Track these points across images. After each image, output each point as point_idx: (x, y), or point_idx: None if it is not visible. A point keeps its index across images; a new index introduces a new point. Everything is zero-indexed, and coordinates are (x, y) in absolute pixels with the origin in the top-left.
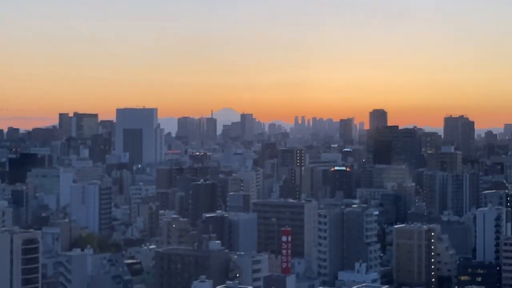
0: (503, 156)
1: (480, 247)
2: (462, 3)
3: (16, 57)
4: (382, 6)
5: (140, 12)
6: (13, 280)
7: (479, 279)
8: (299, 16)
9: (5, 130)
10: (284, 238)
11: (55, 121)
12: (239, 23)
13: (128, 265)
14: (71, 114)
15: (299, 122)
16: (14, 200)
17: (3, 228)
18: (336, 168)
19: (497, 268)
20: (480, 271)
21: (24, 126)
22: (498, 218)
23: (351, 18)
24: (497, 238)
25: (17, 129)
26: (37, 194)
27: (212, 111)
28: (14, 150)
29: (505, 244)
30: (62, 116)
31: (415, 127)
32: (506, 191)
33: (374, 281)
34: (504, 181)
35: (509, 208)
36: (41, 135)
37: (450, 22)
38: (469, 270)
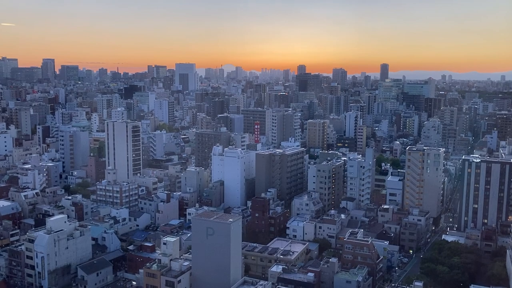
0: (360, 88)
1: (347, 130)
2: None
3: (122, 33)
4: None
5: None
6: (128, 146)
7: (346, 145)
8: (271, 19)
9: (122, 73)
10: (256, 127)
11: (145, 69)
12: (238, 19)
13: (183, 138)
14: (153, 65)
15: (264, 70)
16: (127, 107)
17: (122, 120)
18: (281, 93)
19: (355, 140)
20: (346, 141)
21: (131, 71)
22: (356, 117)
23: (292, 23)
24: (355, 126)
25: (127, 73)
26: (138, 104)
27: (221, 65)
28: (126, 83)
29: (359, 129)
30: (149, 66)
31: (318, 73)
32: (352, 104)
33: (298, 145)
34: (360, 99)
35: (362, 112)
36: (139, 76)
37: (333, 25)
38: (342, 141)
